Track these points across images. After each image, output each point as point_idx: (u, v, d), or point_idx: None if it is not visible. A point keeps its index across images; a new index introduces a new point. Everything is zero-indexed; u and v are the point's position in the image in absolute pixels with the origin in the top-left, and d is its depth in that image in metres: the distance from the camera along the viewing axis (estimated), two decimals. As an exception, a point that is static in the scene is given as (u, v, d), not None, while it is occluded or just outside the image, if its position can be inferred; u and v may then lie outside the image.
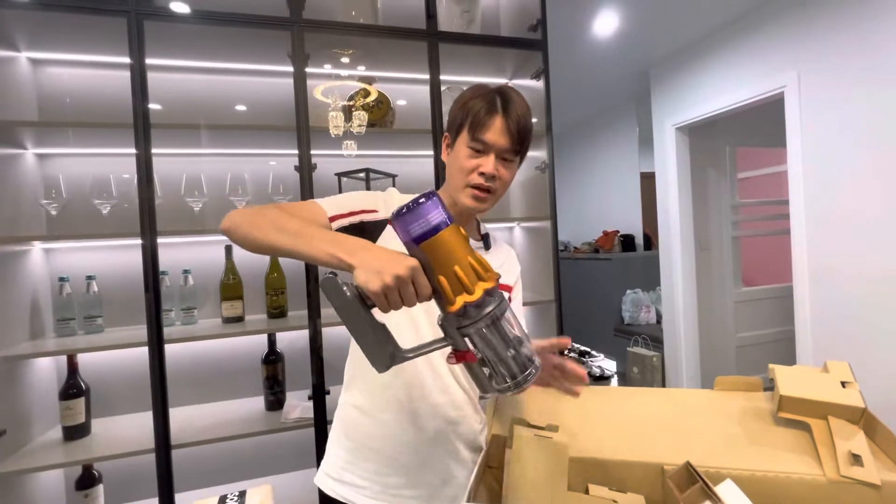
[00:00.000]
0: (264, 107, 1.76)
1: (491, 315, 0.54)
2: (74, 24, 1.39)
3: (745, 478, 0.65)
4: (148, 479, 1.39)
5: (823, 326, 2.16)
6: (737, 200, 3.23)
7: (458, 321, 0.55)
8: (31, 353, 1.34)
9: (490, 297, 0.55)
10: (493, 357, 0.56)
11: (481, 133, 0.79)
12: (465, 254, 0.55)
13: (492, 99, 0.80)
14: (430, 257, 0.54)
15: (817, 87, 2.13)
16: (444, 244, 0.54)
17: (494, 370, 0.57)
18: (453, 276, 0.54)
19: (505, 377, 0.56)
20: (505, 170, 0.81)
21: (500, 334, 0.55)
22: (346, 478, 0.84)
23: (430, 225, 0.53)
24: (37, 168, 1.55)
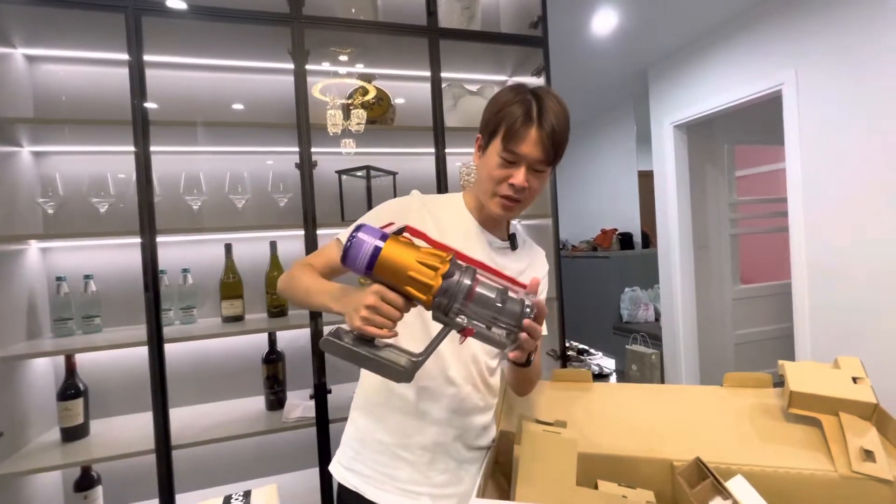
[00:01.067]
0: (264, 104, 1.75)
1: (462, 290, 0.59)
2: (71, 19, 1.37)
3: (756, 474, 0.65)
4: (148, 480, 1.38)
5: (822, 322, 2.17)
6: (735, 198, 3.24)
7: (442, 309, 0.60)
8: (28, 353, 1.32)
9: (452, 278, 0.59)
10: (490, 318, 0.60)
11: (515, 145, 0.77)
12: (413, 257, 0.60)
13: (528, 108, 0.77)
14: (385, 277, 0.60)
15: (815, 85, 2.14)
16: (388, 262, 0.59)
17: (499, 327, 0.61)
18: (412, 281, 0.59)
19: (510, 327, 0.60)
20: (536, 180, 0.80)
21: (481, 298, 0.60)
22: (356, 467, 0.86)
23: (367, 255, 0.59)
24: (33, 166, 1.53)
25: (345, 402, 0.96)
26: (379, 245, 0.60)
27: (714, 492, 0.61)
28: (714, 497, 0.61)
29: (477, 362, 0.86)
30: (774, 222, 3.31)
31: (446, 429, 0.84)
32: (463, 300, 0.59)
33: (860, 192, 1.97)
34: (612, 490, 0.68)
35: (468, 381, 0.85)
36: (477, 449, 0.88)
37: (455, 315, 0.59)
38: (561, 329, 1.76)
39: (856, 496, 0.63)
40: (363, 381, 0.91)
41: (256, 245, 1.69)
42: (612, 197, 4.31)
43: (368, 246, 0.59)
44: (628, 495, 0.66)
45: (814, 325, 2.21)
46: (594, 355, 4.01)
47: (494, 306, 0.59)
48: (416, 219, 0.84)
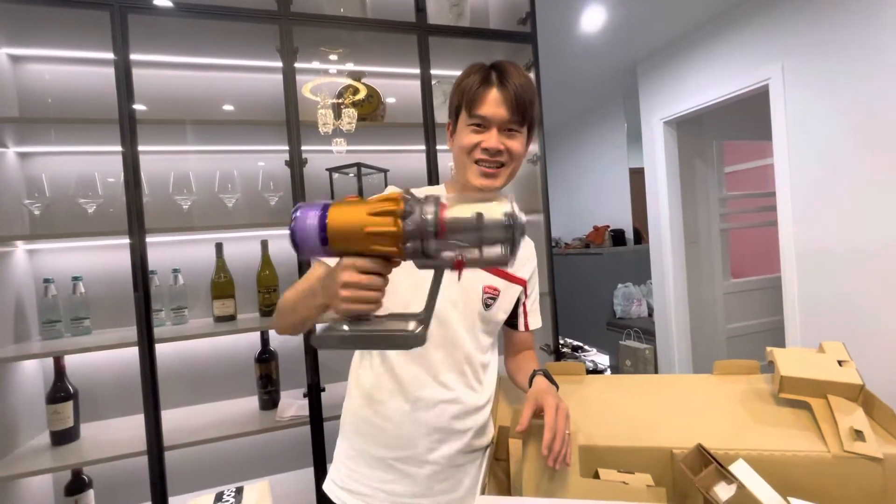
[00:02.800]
0: (253, 103, 1.74)
1: (430, 223, 0.49)
2: (56, 18, 1.35)
3: (755, 457, 0.65)
4: (140, 482, 1.36)
5: (811, 312, 2.20)
6: (724, 193, 3.27)
7: (419, 255, 0.50)
8: (15, 356, 1.30)
9: (411, 217, 0.49)
10: (475, 240, 0.50)
11: (478, 108, 0.77)
12: (363, 211, 0.51)
13: (486, 74, 0.78)
14: (346, 245, 0.52)
15: (801, 79, 2.17)
16: (339, 227, 0.51)
17: (490, 244, 0.50)
18: (372, 238, 0.50)
19: (499, 240, 0.50)
20: (511, 140, 0.79)
21: (455, 224, 0.49)
22: (351, 486, 0.83)
23: (314, 227, 0.50)
24: (19, 167, 1.50)
25: (339, 400, 0.94)
26: (322, 212, 0.51)
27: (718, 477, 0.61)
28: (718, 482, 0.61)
29: (471, 362, 0.84)
30: (763, 217, 3.35)
31: (446, 436, 0.82)
32: (436, 234, 0.49)
33: (846, 184, 2.00)
34: (612, 477, 0.68)
35: (462, 382, 0.84)
36: (476, 451, 0.86)
37: (437, 254, 0.50)
38: (554, 324, 1.77)
39: (848, 474, 0.64)
40: (351, 396, 0.88)
41: (247, 244, 1.68)
42: (604, 194, 4.33)
43: (312, 218, 0.51)
44: (629, 481, 0.66)
45: (803, 316, 2.24)
46: (588, 352, 4.03)
47: (474, 225, 0.49)
48: None
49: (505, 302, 0.89)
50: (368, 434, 0.83)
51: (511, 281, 0.90)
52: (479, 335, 0.86)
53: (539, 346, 1.79)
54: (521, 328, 0.96)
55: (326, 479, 0.88)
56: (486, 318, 0.86)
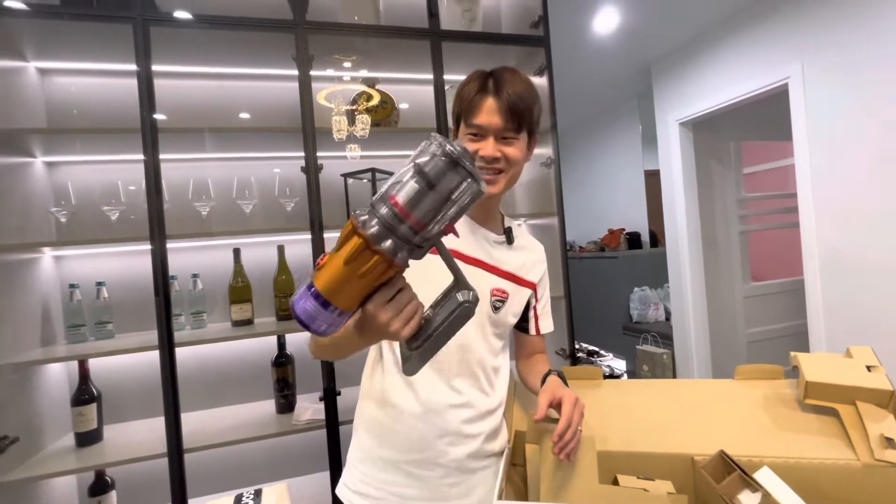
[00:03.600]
0: (269, 110, 1.77)
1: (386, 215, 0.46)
2: (81, 32, 1.40)
3: (780, 465, 0.64)
4: (160, 484, 1.38)
5: (837, 318, 2.13)
6: (743, 195, 3.20)
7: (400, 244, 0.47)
8: (42, 359, 1.34)
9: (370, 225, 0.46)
10: (439, 198, 0.46)
11: (474, 117, 0.78)
12: (337, 260, 0.48)
13: (483, 82, 0.79)
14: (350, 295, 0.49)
15: (822, 78, 2.12)
16: (332, 287, 0.48)
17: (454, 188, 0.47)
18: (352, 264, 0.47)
19: (458, 180, 0.47)
20: (510, 148, 0.79)
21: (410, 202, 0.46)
22: (363, 490, 0.83)
23: (313, 305, 0.48)
24: (46, 176, 1.56)
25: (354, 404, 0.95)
26: (311, 288, 0.48)
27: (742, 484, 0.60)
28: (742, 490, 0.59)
29: (483, 366, 0.84)
30: (784, 218, 3.28)
31: (457, 439, 0.81)
32: (399, 219, 0.45)
33: (872, 185, 1.94)
34: (631, 483, 0.67)
35: (475, 386, 0.83)
36: (490, 455, 0.85)
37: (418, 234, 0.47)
38: (570, 328, 1.75)
39: (880, 484, 0.62)
40: (364, 399, 0.89)
41: (264, 249, 1.71)
42: (619, 197, 4.29)
43: (307, 300, 0.48)
44: (649, 488, 0.65)
45: (828, 321, 2.17)
46: (604, 356, 3.97)
47: (425, 187, 0.46)
48: None
49: (514, 305, 0.88)
50: (380, 437, 0.83)
51: (520, 284, 0.89)
52: (490, 338, 0.86)
53: (554, 351, 1.77)
54: (533, 332, 0.95)
55: (339, 482, 0.89)
56: (495, 321, 0.86)
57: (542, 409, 0.70)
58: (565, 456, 0.67)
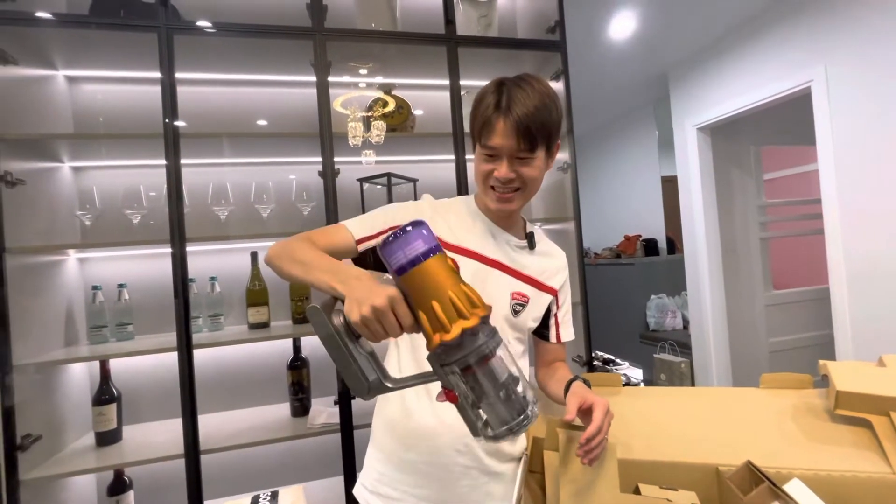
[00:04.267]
0: (287, 116, 1.79)
1: (474, 354, 0.50)
2: (108, 41, 1.44)
3: (810, 477, 0.61)
4: (177, 486, 1.39)
5: (864, 328, 2.06)
6: (764, 201, 3.14)
7: (440, 358, 0.51)
8: (65, 359, 1.37)
9: (473, 336, 0.50)
10: (482, 398, 0.51)
11: (487, 139, 0.78)
12: (448, 287, 0.51)
13: (496, 99, 0.77)
14: (410, 289, 0.52)
15: (846, 80, 2.07)
16: (424, 277, 0.51)
17: (486, 412, 0.52)
18: (431, 311, 0.51)
19: (497, 421, 0.51)
20: (525, 167, 0.79)
21: (488, 375, 0.50)
22: (381, 490, 0.84)
23: (409, 256, 0.51)
24: (72, 180, 1.60)
25: (369, 408, 0.95)
26: (429, 252, 0.51)
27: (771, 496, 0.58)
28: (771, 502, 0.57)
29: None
30: (807, 225, 3.19)
31: (472, 447, 0.81)
32: (469, 365, 0.50)
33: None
34: (654, 493, 0.65)
35: None
36: (508, 460, 0.85)
37: (448, 372, 0.51)
38: (587, 335, 1.72)
39: (916, 500, 0.59)
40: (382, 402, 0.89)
41: (281, 253, 1.72)
42: (635, 202, 4.24)
43: (416, 248, 0.51)
44: (672, 498, 0.63)
45: (855, 330, 2.10)
46: (621, 365, 3.90)
47: (496, 392, 0.50)
48: None
49: (535, 310, 0.88)
50: (399, 438, 0.83)
51: (541, 289, 0.89)
52: (511, 342, 0.85)
53: (571, 358, 1.74)
54: (553, 340, 0.94)
55: (356, 483, 0.89)
56: (514, 325, 0.85)
57: (572, 411, 0.69)
58: (588, 460, 0.66)
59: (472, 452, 0.81)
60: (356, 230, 0.82)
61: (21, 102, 1.38)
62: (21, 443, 1.25)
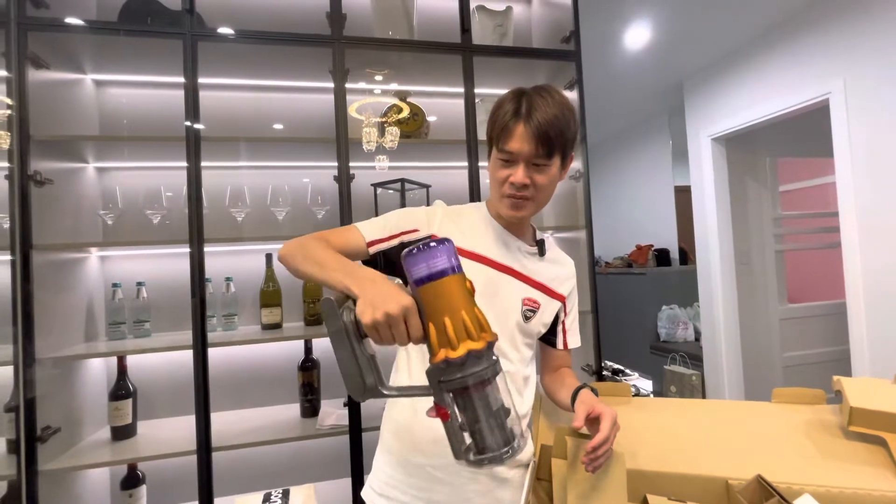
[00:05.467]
0: (303, 121, 1.83)
1: (474, 377, 0.51)
2: (134, 47, 1.49)
3: (822, 494, 0.61)
4: (188, 481, 1.42)
5: (882, 344, 2.02)
6: (779, 213, 3.10)
7: (440, 374, 0.52)
8: (85, 354, 1.41)
9: (477, 359, 0.51)
10: (471, 421, 0.52)
11: (505, 143, 0.79)
12: (462, 307, 0.52)
13: (516, 106, 0.79)
14: (425, 302, 0.53)
15: (866, 93, 2.04)
16: (441, 292, 0.52)
17: (472, 436, 0.53)
18: (441, 326, 0.52)
19: (481, 447, 0.52)
20: (540, 175, 0.80)
21: (482, 400, 0.52)
22: (389, 493, 0.84)
23: (431, 270, 0.52)
24: (96, 181, 1.65)
25: (377, 411, 0.96)
26: (450, 270, 0.53)
27: (779, 512, 0.58)
28: (783, 517, 0.57)
29: (513, 376, 0.85)
30: (824, 238, 3.14)
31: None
32: (467, 387, 0.51)
33: (920, 204, 1.85)
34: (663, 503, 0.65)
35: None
36: (515, 466, 0.86)
37: (444, 389, 0.52)
38: (596, 344, 1.72)
39: (931, 520, 0.58)
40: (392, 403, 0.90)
41: (295, 255, 1.75)
42: (648, 212, 4.21)
43: (438, 263, 0.52)
44: (677, 509, 0.63)
45: (872, 346, 2.06)
46: (630, 376, 3.86)
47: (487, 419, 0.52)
48: (438, 227, 0.85)
49: (545, 316, 0.89)
50: (408, 441, 0.84)
51: (551, 296, 0.90)
52: (521, 347, 0.86)
53: (580, 367, 1.74)
54: (560, 346, 0.95)
55: (365, 485, 0.90)
56: (525, 331, 0.86)
57: (580, 419, 0.70)
58: (592, 468, 0.66)
59: None
60: (368, 233, 0.84)
61: (51, 105, 1.43)
62: (41, 434, 1.28)
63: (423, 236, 0.85)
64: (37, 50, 1.37)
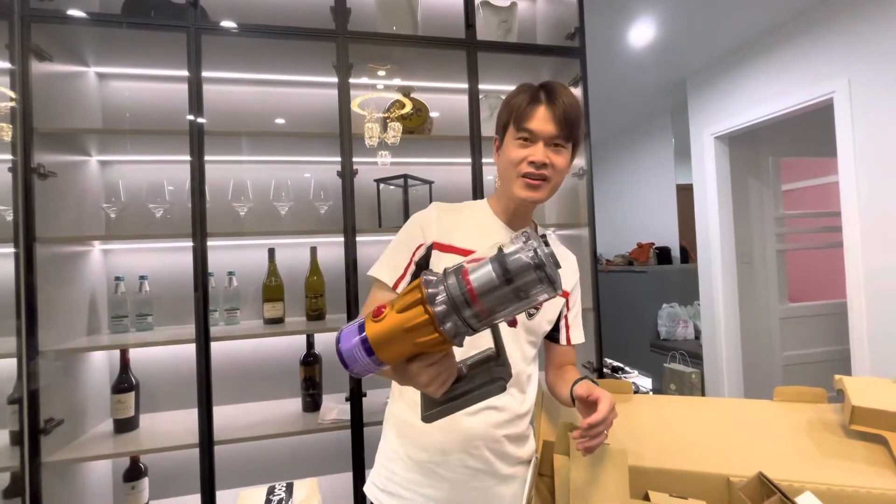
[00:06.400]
0: (306, 116, 1.83)
1: (457, 298, 0.46)
2: (138, 40, 1.49)
3: (822, 492, 0.61)
4: (190, 474, 1.43)
5: (883, 344, 2.03)
6: (781, 212, 3.09)
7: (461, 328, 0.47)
8: (87, 346, 1.42)
9: (437, 298, 0.46)
10: (510, 294, 0.46)
11: (526, 122, 0.80)
12: (393, 314, 0.48)
13: (535, 92, 0.82)
14: (394, 352, 0.49)
15: (870, 93, 2.04)
16: (380, 337, 0.48)
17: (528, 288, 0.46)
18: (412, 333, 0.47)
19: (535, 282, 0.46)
20: (557, 156, 0.81)
21: (483, 290, 0.46)
22: (390, 488, 0.85)
23: (358, 346, 0.48)
24: (99, 174, 1.65)
25: (379, 406, 0.97)
26: (363, 336, 0.49)
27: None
28: (784, 515, 0.57)
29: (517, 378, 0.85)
30: (826, 238, 3.14)
31: (483, 448, 0.82)
32: (468, 303, 0.46)
33: (923, 204, 1.85)
34: (664, 501, 0.65)
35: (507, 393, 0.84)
36: (517, 463, 0.86)
37: (481, 321, 0.47)
38: (598, 341, 1.72)
39: (931, 519, 0.59)
40: (395, 399, 0.91)
41: (297, 250, 1.75)
42: (649, 210, 4.21)
43: (354, 345, 0.49)
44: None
45: (873, 346, 2.06)
46: (630, 373, 3.87)
47: (503, 281, 0.45)
48: (436, 231, 0.85)
49: (549, 312, 0.89)
50: (409, 437, 0.84)
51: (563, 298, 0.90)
52: (524, 346, 0.86)
53: (581, 364, 1.74)
54: (563, 342, 0.95)
55: (367, 481, 0.90)
56: (529, 328, 0.86)
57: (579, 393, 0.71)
58: (584, 449, 0.66)
59: (482, 455, 0.82)
60: (388, 277, 0.83)
61: (54, 97, 1.43)
62: (44, 426, 1.29)
63: (428, 244, 0.85)
64: (40, 42, 1.36)
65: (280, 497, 0.76)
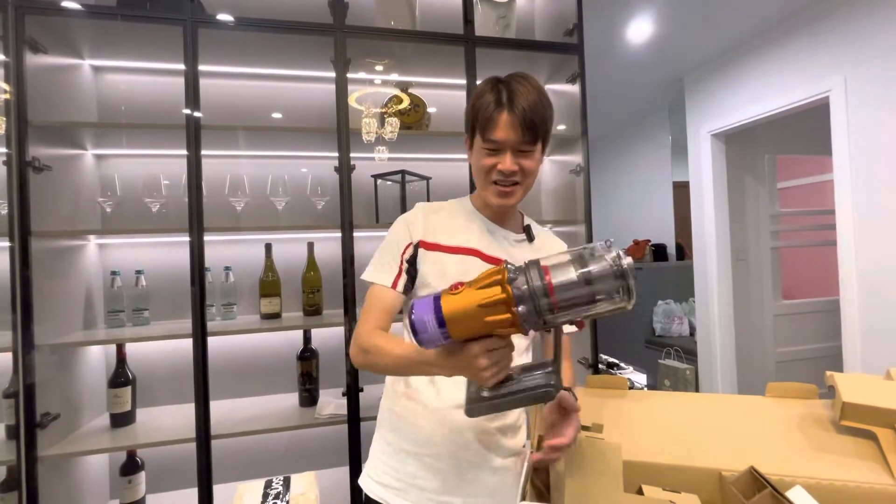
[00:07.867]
0: (303, 111, 1.82)
1: (535, 289, 0.50)
2: (133, 32, 1.47)
3: (812, 486, 0.62)
4: (187, 468, 1.43)
5: (874, 341, 2.05)
6: (777, 210, 3.11)
7: (534, 316, 0.51)
8: (83, 341, 1.41)
9: (516, 282, 0.50)
10: (587, 295, 0.50)
11: (491, 133, 0.79)
12: (471, 291, 0.52)
13: (497, 95, 0.80)
14: (463, 329, 0.53)
15: (865, 91, 2.05)
16: (455, 312, 0.52)
17: (605, 294, 0.51)
18: (486, 310, 0.51)
19: (613, 290, 0.51)
20: (527, 160, 0.81)
21: (563, 286, 0.49)
22: (385, 480, 0.86)
23: (431, 319, 0.52)
24: (95, 168, 1.64)
25: (375, 401, 0.97)
26: (437, 304, 0.52)
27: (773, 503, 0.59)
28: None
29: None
30: (820, 235, 3.17)
31: (477, 441, 0.83)
32: (545, 294, 0.50)
33: (916, 203, 1.87)
34: (657, 495, 0.66)
35: None
36: (509, 454, 0.87)
37: (554, 314, 0.51)
38: (593, 338, 1.73)
39: (918, 512, 0.60)
40: (388, 392, 0.91)
41: (295, 245, 1.75)
42: (646, 207, 4.22)
43: (428, 309, 0.52)
44: (675, 500, 0.64)
45: (865, 344, 2.09)
46: (625, 369, 3.90)
47: (583, 282, 0.49)
48: (423, 230, 0.86)
49: None
50: (403, 430, 0.86)
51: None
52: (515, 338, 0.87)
53: (577, 360, 1.76)
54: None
55: (362, 473, 0.91)
56: None
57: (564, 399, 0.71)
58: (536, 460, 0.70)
59: (475, 447, 0.83)
60: (385, 279, 0.84)
61: (49, 90, 1.42)
62: (40, 420, 1.29)
63: (415, 243, 0.86)
64: (34, 34, 1.35)
65: (278, 491, 0.77)
